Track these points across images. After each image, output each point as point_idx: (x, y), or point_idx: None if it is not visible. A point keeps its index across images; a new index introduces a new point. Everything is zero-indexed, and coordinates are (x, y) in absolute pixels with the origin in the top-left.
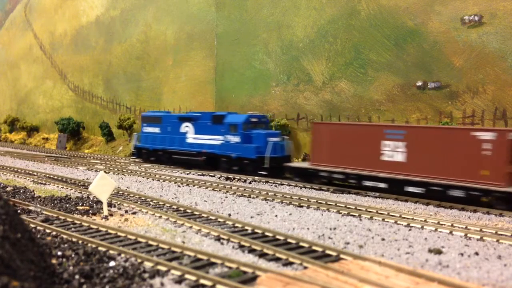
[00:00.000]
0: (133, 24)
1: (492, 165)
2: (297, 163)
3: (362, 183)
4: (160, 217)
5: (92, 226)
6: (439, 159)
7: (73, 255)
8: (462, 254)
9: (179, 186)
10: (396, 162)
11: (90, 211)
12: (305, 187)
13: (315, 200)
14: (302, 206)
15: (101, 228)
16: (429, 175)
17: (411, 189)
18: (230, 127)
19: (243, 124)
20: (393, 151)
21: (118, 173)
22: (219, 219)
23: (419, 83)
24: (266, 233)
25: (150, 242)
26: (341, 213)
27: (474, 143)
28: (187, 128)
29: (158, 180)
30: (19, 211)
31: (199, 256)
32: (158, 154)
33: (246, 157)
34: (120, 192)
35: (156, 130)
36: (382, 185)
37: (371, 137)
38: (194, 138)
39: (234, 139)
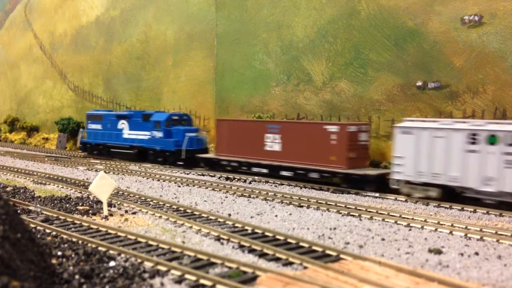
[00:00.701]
0: (133, 24)
1: (337, 152)
2: (205, 154)
3: (252, 169)
4: (160, 217)
5: (92, 226)
6: (303, 148)
7: (73, 255)
8: (462, 254)
9: (179, 186)
10: (274, 151)
11: (90, 211)
12: (305, 187)
13: (315, 200)
14: (302, 206)
15: (101, 228)
16: (296, 161)
17: (284, 173)
18: (155, 124)
19: (165, 121)
20: (272, 142)
21: (118, 173)
22: (219, 219)
23: (419, 83)
24: (266, 233)
25: (150, 242)
26: (341, 213)
27: (325, 135)
28: (123, 125)
29: (158, 180)
30: (19, 211)
31: (199, 256)
32: (99, 148)
33: (167, 149)
34: (120, 192)
35: (98, 126)
36: (264, 170)
37: (258, 131)
38: (128, 134)
39: (158, 134)
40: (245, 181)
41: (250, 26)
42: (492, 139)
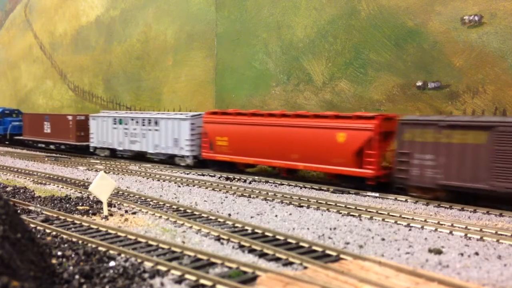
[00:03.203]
0: (133, 24)
1: (72, 132)
2: (18, 137)
3: (38, 145)
4: (160, 217)
5: (92, 226)
6: (59, 130)
7: (73, 255)
8: (462, 254)
9: (179, 186)
10: (48, 133)
11: (90, 211)
12: (305, 187)
13: (315, 200)
14: (302, 206)
15: (101, 228)
16: (56, 139)
17: (51, 146)
18: None
19: None
20: (47, 127)
21: (118, 173)
22: (219, 219)
23: (419, 83)
24: (266, 233)
25: (150, 242)
26: (341, 213)
27: (68, 122)
28: None
29: (158, 180)
30: (19, 211)
31: (199, 256)
32: None
33: (1, 133)
34: (120, 192)
35: None
36: (43, 145)
37: (40, 120)
38: None
39: None
40: (245, 181)
41: (250, 26)
42: (120, 121)
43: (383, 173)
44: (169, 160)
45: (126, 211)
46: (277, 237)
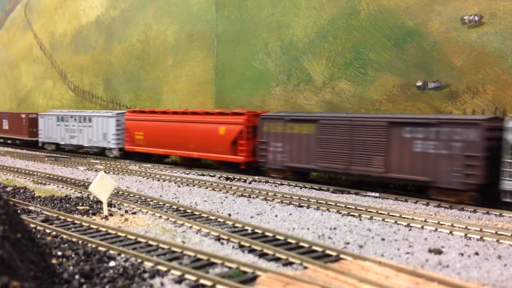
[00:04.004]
0: (133, 24)
1: (25, 129)
2: None
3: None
4: (160, 217)
5: (92, 226)
6: (16, 127)
7: (73, 255)
8: (462, 254)
9: (179, 186)
10: (6, 129)
11: (90, 211)
12: (305, 187)
13: (315, 200)
14: (302, 206)
15: (101, 228)
16: (13, 134)
17: (9, 141)
18: None
19: None
20: (5, 124)
21: (118, 173)
22: (219, 219)
23: (419, 83)
24: (266, 233)
25: (150, 242)
26: (341, 213)
27: (21, 120)
28: None
29: (158, 180)
30: (19, 211)
31: (199, 256)
32: None
33: None
34: (120, 192)
35: None
36: (2, 141)
37: (1, 118)
38: None
39: None
40: (245, 181)
41: (250, 26)
42: (62, 119)
43: (253, 159)
44: (101, 152)
45: (126, 211)
46: (277, 237)
